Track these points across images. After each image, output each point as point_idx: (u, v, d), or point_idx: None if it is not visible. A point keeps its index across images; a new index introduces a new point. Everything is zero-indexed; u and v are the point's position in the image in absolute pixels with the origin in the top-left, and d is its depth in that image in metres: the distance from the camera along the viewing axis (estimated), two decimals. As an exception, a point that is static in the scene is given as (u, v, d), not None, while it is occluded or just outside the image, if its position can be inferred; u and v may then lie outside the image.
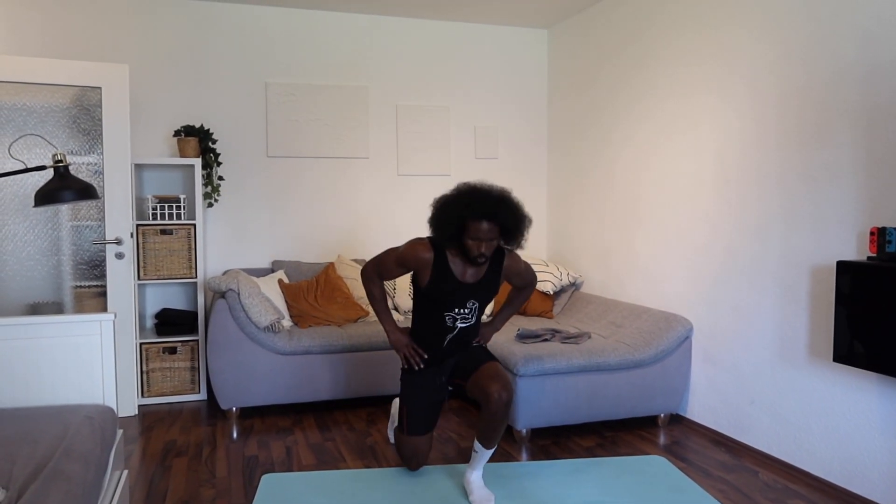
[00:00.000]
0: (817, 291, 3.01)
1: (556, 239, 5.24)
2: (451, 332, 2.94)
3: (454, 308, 2.89)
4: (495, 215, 2.68)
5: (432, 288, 2.86)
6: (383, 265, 2.96)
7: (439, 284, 2.84)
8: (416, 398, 3.00)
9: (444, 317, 2.91)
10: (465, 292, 2.87)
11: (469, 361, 2.96)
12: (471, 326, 2.96)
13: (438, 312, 2.91)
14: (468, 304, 2.90)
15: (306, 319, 4.20)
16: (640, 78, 4.17)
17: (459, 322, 2.92)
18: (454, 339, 2.96)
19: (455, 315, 2.91)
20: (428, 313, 2.94)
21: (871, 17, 2.74)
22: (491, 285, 2.92)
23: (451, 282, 2.84)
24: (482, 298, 2.93)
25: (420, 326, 2.99)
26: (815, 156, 3.00)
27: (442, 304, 2.88)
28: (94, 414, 2.32)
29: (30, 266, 3.94)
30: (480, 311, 2.97)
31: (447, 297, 2.86)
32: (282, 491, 2.89)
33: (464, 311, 2.91)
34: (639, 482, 2.98)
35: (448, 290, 2.85)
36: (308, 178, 4.84)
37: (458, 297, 2.87)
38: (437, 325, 2.93)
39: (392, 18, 4.95)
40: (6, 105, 3.85)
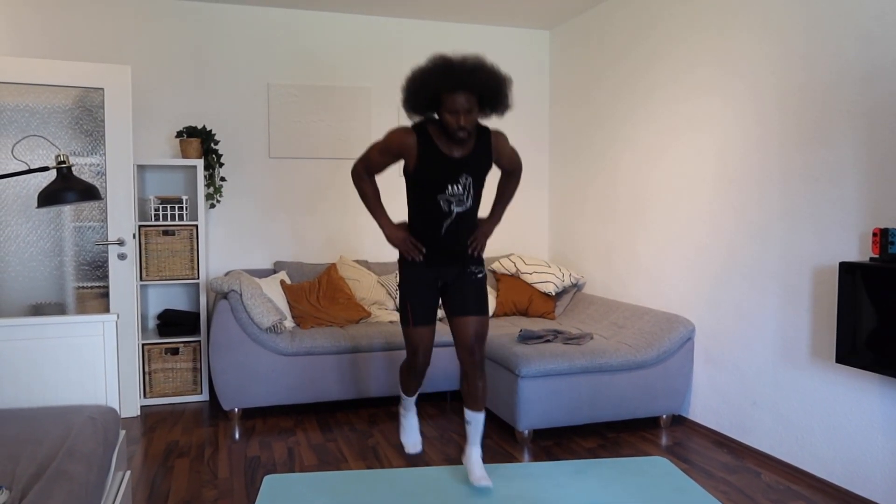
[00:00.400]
0: (819, 292, 3.00)
1: (558, 240, 5.24)
2: (447, 217, 2.77)
3: (447, 185, 2.73)
4: (471, 84, 2.55)
5: (421, 168, 2.72)
6: (369, 159, 2.84)
7: (427, 162, 2.70)
8: (417, 293, 2.89)
9: (437, 200, 2.75)
10: (456, 166, 2.73)
11: (458, 296, 2.88)
12: (467, 211, 2.80)
13: (432, 195, 2.75)
14: (461, 178, 2.74)
15: (308, 320, 4.20)
16: (642, 79, 4.17)
17: (455, 205, 2.76)
18: (452, 226, 2.80)
19: (449, 196, 2.75)
20: (421, 200, 2.80)
21: (871, 17, 2.74)
22: (481, 159, 2.78)
23: (438, 157, 2.70)
24: (475, 172, 2.78)
25: (416, 221, 2.85)
26: (816, 156, 3.00)
27: (434, 184, 2.73)
28: (97, 414, 2.32)
29: (32, 267, 3.95)
30: (475, 189, 2.81)
31: (438, 174, 2.72)
32: (284, 492, 2.89)
33: (457, 189, 2.75)
34: (641, 483, 2.98)
35: (437, 167, 2.70)
36: (310, 179, 4.84)
37: (449, 172, 2.72)
38: (431, 212, 2.78)
39: (394, 19, 4.95)
40: (9, 106, 3.86)
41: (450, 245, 2.85)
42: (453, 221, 2.79)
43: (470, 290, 2.88)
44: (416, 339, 2.91)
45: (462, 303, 2.87)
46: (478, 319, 2.86)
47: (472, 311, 2.86)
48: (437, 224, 2.80)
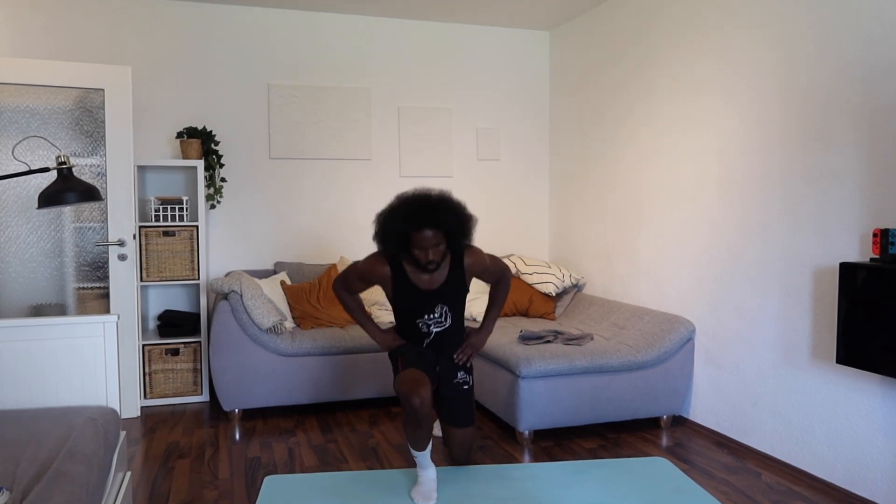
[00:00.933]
0: (820, 293, 3.00)
1: (559, 240, 5.24)
2: (427, 337, 2.99)
3: (424, 314, 2.94)
4: (435, 222, 2.69)
5: (397, 299, 2.93)
6: (348, 281, 3.03)
7: (402, 296, 2.91)
8: (410, 352, 2.98)
9: (416, 324, 2.96)
10: (430, 298, 2.91)
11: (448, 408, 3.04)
12: (447, 330, 2.99)
13: (411, 320, 2.96)
14: (436, 309, 2.94)
15: (308, 321, 4.20)
16: (643, 79, 4.17)
17: (434, 327, 2.96)
18: (433, 343, 3.01)
19: (427, 321, 2.95)
20: (402, 321, 3.00)
21: (872, 18, 2.74)
22: (456, 286, 2.93)
23: (412, 291, 2.89)
24: (450, 301, 2.94)
25: (401, 331, 3.05)
26: (817, 157, 3.00)
27: (411, 312, 2.94)
28: (97, 415, 2.32)
29: (33, 268, 3.95)
30: (454, 313, 2.97)
31: (413, 306, 2.92)
32: (284, 492, 2.89)
33: (434, 316, 2.94)
34: (641, 484, 2.98)
35: (411, 300, 2.90)
36: (310, 180, 4.84)
37: (423, 305, 2.91)
38: (413, 330, 2.99)
39: (394, 20, 4.95)
40: (9, 107, 3.86)
41: (435, 350, 3.03)
42: (433, 340, 3.00)
43: (459, 403, 3.05)
44: (409, 378, 2.75)
45: (452, 412, 3.04)
46: (465, 432, 3.05)
47: (460, 424, 3.04)
48: (419, 341, 3.01)
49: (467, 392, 3.06)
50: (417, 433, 2.76)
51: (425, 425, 2.73)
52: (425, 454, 2.83)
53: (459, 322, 3.04)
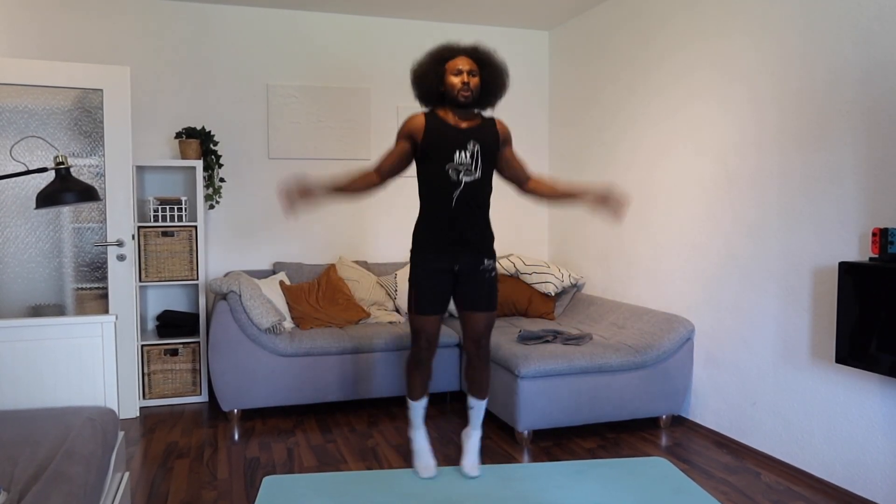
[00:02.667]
0: (819, 292, 3.00)
1: (558, 240, 5.23)
2: (457, 187, 2.83)
3: (454, 153, 2.83)
4: (469, 51, 2.87)
5: (429, 137, 2.85)
6: (382, 158, 2.98)
7: (434, 132, 2.86)
8: (427, 279, 2.92)
9: (446, 171, 2.83)
10: (462, 133, 2.86)
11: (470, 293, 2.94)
12: (476, 183, 2.86)
13: (441, 166, 2.83)
14: (468, 145, 2.84)
15: (308, 321, 4.20)
16: (642, 79, 4.17)
17: (464, 175, 2.84)
18: (462, 197, 2.84)
19: (457, 166, 2.83)
20: (431, 174, 2.87)
21: (869, 17, 2.74)
22: (488, 131, 2.91)
23: (445, 127, 2.87)
24: (482, 141, 2.87)
25: (427, 198, 2.91)
26: (815, 157, 3.00)
27: (441, 151, 2.83)
28: (96, 416, 2.32)
29: (31, 268, 3.95)
30: (484, 162, 2.87)
31: (445, 142, 2.83)
32: (283, 493, 2.89)
33: (465, 157, 2.84)
34: (641, 484, 2.98)
35: (444, 134, 2.85)
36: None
37: (455, 140, 2.84)
38: (442, 183, 2.84)
39: (393, 20, 4.95)
40: (8, 107, 3.86)
41: (462, 221, 2.87)
42: (462, 191, 2.85)
43: (483, 287, 2.96)
44: (419, 325, 2.96)
45: (474, 298, 2.96)
46: (487, 315, 2.98)
47: (482, 308, 2.96)
48: (447, 195, 2.85)
49: (492, 278, 2.98)
50: (418, 378, 3.04)
51: (424, 369, 3.02)
52: (420, 406, 3.08)
53: (487, 182, 2.90)
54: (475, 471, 3.05)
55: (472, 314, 2.96)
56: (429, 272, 2.92)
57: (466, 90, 2.80)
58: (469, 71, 2.82)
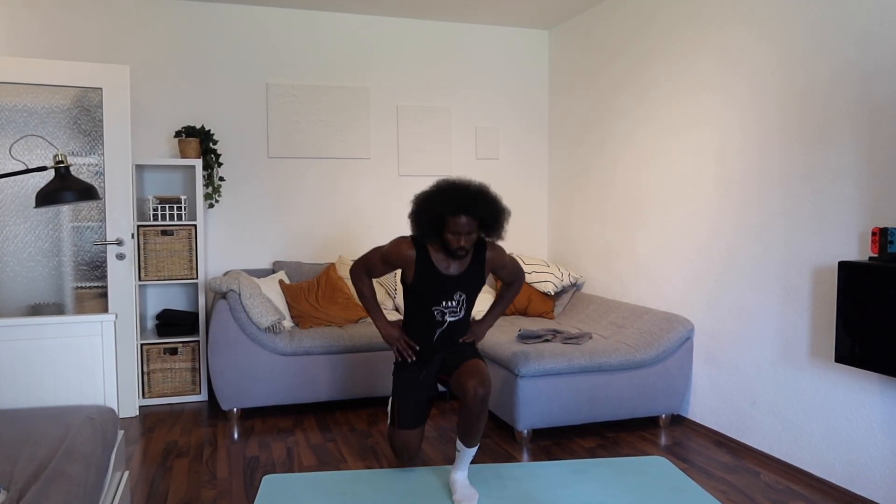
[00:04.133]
0: (819, 292, 3.00)
1: (558, 239, 5.23)
2: (440, 326, 3.00)
3: (441, 301, 2.95)
4: (473, 209, 2.76)
5: (418, 283, 2.93)
6: (370, 263, 3.05)
7: (424, 279, 2.92)
8: (406, 393, 3.06)
9: (432, 311, 2.97)
10: (451, 284, 2.94)
11: (454, 358, 3.01)
12: (459, 321, 3.02)
13: (427, 307, 2.97)
14: (455, 296, 2.97)
15: (307, 320, 4.20)
16: (642, 78, 4.17)
17: (448, 316, 2.99)
18: (444, 333, 3.02)
19: (443, 308, 2.97)
20: (417, 309, 3.01)
21: (872, 17, 2.74)
22: (476, 276, 2.98)
23: (435, 275, 2.92)
24: (468, 290, 2.99)
25: (411, 323, 3.06)
26: (816, 156, 3.00)
27: (429, 297, 2.95)
28: (95, 415, 2.32)
29: (31, 267, 3.94)
30: (468, 303, 3.02)
31: (433, 290, 2.93)
32: (282, 492, 2.89)
33: (451, 304, 2.97)
34: (640, 483, 2.98)
35: (433, 284, 2.92)
36: (309, 179, 4.84)
37: (444, 290, 2.94)
38: (426, 319, 2.99)
39: (393, 19, 4.95)
40: (7, 106, 3.85)
41: (441, 348, 3.05)
42: (445, 329, 3.02)
43: (463, 346, 3.06)
44: (400, 443, 3.07)
45: (460, 355, 3.01)
46: (479, 361, 2.95)
47: (470, 357, 2.96)
48: (430, 330, 3.01)
49: (471, 344, 3.10)
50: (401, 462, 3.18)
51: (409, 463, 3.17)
52: None
53: (468, 316, 3.08)
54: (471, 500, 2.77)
55: (466, 364, 2.90)
56: (410, 388, 3.06)
57: (462, 251, 2.83)
58: (468, 233, 2.79)
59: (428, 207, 2.83)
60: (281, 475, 3.07)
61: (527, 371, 3.41)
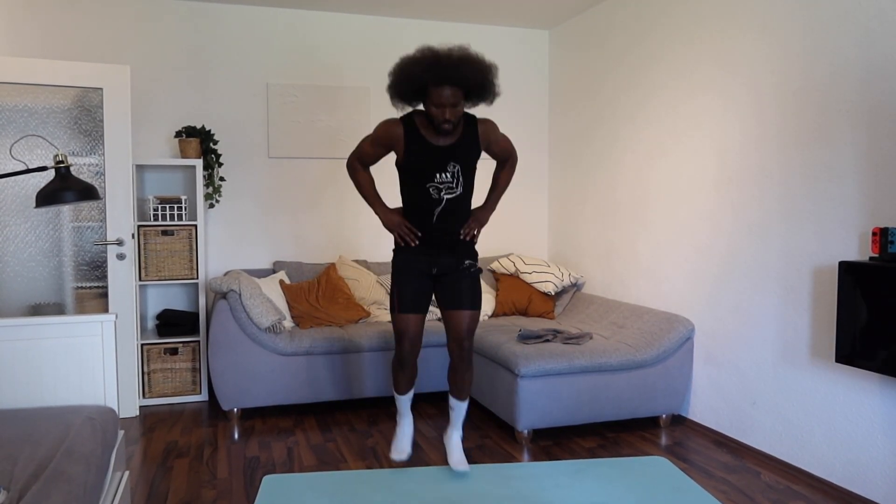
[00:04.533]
0: (819, 292, 3.00)
1: (558, 239, 5.23)
2: (438, 204, 2.85)
3: (435, 174, 2.81)
4: (456, 78, 2.63)
5: (409, 158, 2.81)
6: (362, 150, 2.97)
7: (414, 152, 2.80)
8: (407, 279, 2.94)
9: (427, 189, 2.84)
10: (443, 154, 2.81)
11: (453, 291, 2.94)
12: (457, 198, 2.87)
13: (422, 183, 2.83)
14: (448, 167, 2.82)
15: (307, 320, 4.20)
16: (642, 78, 4.17)
17: (444, 192, 2.84)
18: (443, 213, 2.87)
19: (438, 184, 2.83)
20: (412, 190, 2.88)
21: (871, 16, 2.74)
22: (469, 147, 2.85)
23: (426, 147, 2.80)
24: (462, 160, 2.84)
25: (408, 209, 2.93)
26: (816, 156, 3.00)
27: (422, 173, 2.82)
28: (96, 415, 2.32)
29: (31, 267, 3.94)
30: (465, 177, 2.87)
31: (425, 164, 2.80)
32: (283, 492, 2.89)
33: (446, 177, 2.83)
34: (640, 483, 2.98)
35: (424, 156, 2.79)
36: (309, 179, 4.84)
37: (435, 161, 2.80)
38: (423, 200, 2.86)
39: (393, 19, 4.95)
40: (7, 106, 3.86)
41: (442, 232, 2.91)
42: (444, 208, 2.88)
43: (465, 285, 2.96)
44: (402, 326, 2.94)
45: (457, 297, 2.94)
46: (470, 314, 2.95)
47: (465, 306, 2.95)
48: (428, 211, 2.88)
49: (474, 275, 2.98)
50: (403, 377, 3.04)
51: (408, 369, 3.01)
52: (405, 399, 3.11)
53: (469, 192, 2.91)
54: (463, 465, 3.04)
55: (455, 312, 2.94)
56: (410, 273, 2.95)
57: (447, 124, 2.71)
58: (452, 103, 2.67)
59: (409, 77, 2.68)
60: (281, 475, 3.07)
61: (527, 371, 3.41)
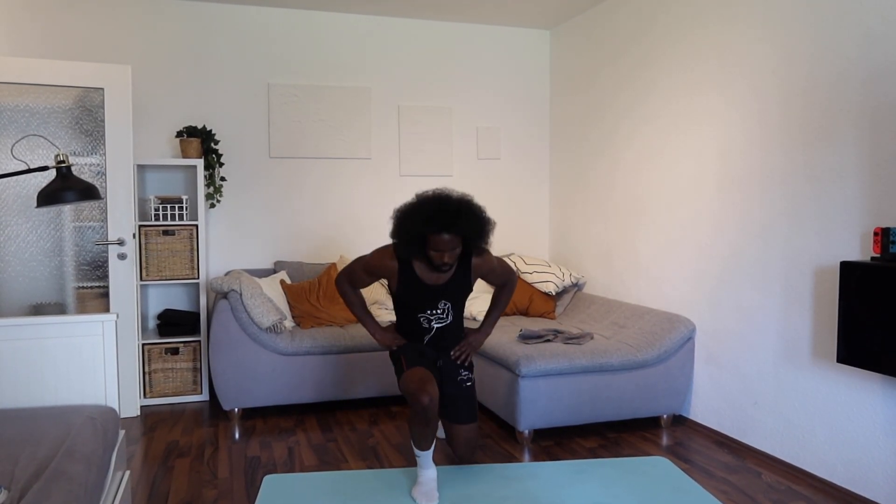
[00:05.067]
0: (821, 292, 3.00)
1: (559, 239, 5.23)
2: (428, 332, 3.01)
3: (426, 309, 2.96)
4: (455, 227, 2.69)
5: (401, 293, 2.94)
6: (354, 274, 3.03)
7: (407, 290, 2.91)
8: (412, 348, 3.02)
9: (418, 318, 2.98)
10: (434, 294, 2.93)
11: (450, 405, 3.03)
12: (448, 326, 3.02)
13: (412, 314, 2.99)
14: (439, 304, 2.96)
15: (308, 320, 4.20)
16: (643, 78, 4.16)
17: (434, 322, 2.99)
18: (433, 339, 3.03)
19: (429, 316, 2.98)
20: (404, 315, 3.03)
21: (874, 16, 2.73)
22: (461, 284, 2.96)
23: (418, 286, 2.90)
24: (453, 298, 2.97)
25: (401, 326, 3.08)
26: (818, 156, 2.99)
27: (413, 306, 2.95)
28: (97, 414, 2.32)
29: (32, 267, 3.95)
30: (456, 309, 3.02)
31: (416, 301, 2.93)
32: (284, 492, 2.89)
33: (437, 312, 2.98)
34: (641, 483, 2.98)
35: (416, 294, 2.92)
36: (310, 179, 4.84)
37: (427, 299, 2.93)
38: (414, 325, 3.01)
39: (394, 19, 4.95)
40: (9, 106, 3.86)
41: (435, 349, 3.06)
42: (434, 335, 3.03)
43: (461, 400, 3.05)
44: (415, 376, 2.79)
45: (454, 412, 3.05)
46: (468, 428, 3.05)
47: (463, 421, 3.04)
48: (419, 336, 3.04)
49: (470, 389, 3.08)
50: (425, 432, 2.77)
51: (432, 424, 2.75)
52: (428, 454, 2.84)
53: (460, 319, 3.07)
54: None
55: (457, 427, 3.05)
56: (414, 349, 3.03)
57: (446, 266, 2.78)
58: (451, 249, 2.73)
59: (409, 226, 2.74)
60: (282, 475, 3.07)
61: (528, 371, 3.41)
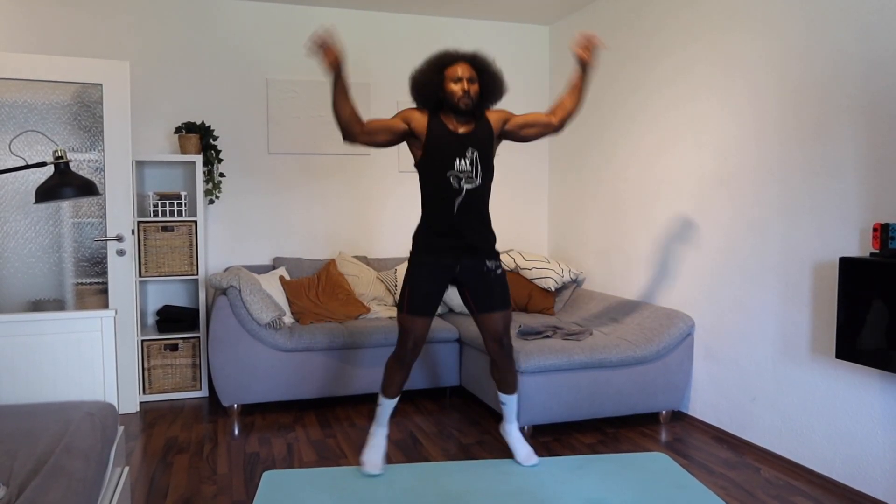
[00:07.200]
0: (819, 288, 3.00)
1: (558, 235, 5.23)
2: (458, 194, 2.91)
3: (455, 160, 2.90)
4: (468, 58, 2.91)
5: (431, 140, 2.92)
6: (380, 119, 2.95)
7: (436, 136, 2.92)
8: (421, 281, 2.96)
9: (448, 178, 2.90)
10: (461, 140, 2.93)
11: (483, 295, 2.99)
12: (476, 191, 2.93)
13: (442, 174, 2.91)
14: (467, 153, 2.92)
15: (307, 316, 4.20)
16: (642, 73, 4.16)
17: (465, 182, 2.91)
18: (463, 206, 2.93)
19: (458, 173, 2.90)
20: (432, 181, 2.94)
21: (870, 10, 2.73)
22: (484, 133, 2.97)
23: (445, 132, 2.93)
24: (479, 146, 2.94)
25: (429, 204, 2.98)
26: (816, 151, 2.99)
27: (442, 159, 2.90)
28: (95, 411, 2.32)
29: (31, 263, 3.94)
30: (484, 166, 2.95)
31: (445, 149, 2.91)
32: (283, 488, 2.89)
33: (465, 165, 2.92)
34: (640, 479, 2.98)
35: (444, 140, 2.92)
36: (309, 175, 4.83)
37: (455, 147, 2.91)
38: (444, 191, 2.92)
39: (393, 15, 4.94)
40: (7, 102, 3.85)
41: (464, 227, 2.95)
42: (464, 200, 2.93)
43: (495, 287, 3.02)
44: (408, 325, 2.97)
45: (488, 300, 3.01)
46: (503, 314, 3.02)
47: (497, 308, 3.01)
48: (449, 202, 2.93)
49: (500, 276, 3.03)
50: (397, 377, 3.02)
51: (405, 369, 3.01)
52: (391, 404, 3.07)
53: (487, 185, 2.98)
54: (532, 459, 3.13)
55: (489, 315, 3.01)
56: (427, 274, 2.97)
57: (466, 97, 2.86)
58: (469, 78, 2.86)
59: (427, 69, 2.91)
60: (281, 471, 3.08)
61: (527, 367, 3.41)
